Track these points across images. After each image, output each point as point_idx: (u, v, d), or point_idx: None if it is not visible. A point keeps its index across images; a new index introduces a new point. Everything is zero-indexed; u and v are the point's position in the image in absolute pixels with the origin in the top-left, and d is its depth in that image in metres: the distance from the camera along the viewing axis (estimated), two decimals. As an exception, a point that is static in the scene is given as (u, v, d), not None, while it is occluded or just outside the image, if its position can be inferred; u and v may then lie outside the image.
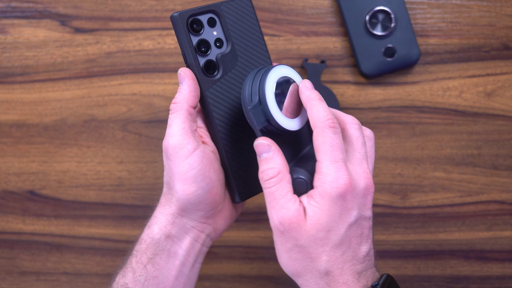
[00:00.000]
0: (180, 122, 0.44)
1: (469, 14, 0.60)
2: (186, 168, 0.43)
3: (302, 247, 0.41)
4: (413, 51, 0.59)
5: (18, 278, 0.62)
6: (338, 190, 0.40)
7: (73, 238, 0.61)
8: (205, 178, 0.44)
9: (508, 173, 0.60)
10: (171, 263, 0.45)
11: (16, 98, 0.61)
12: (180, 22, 0.44)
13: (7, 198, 0.61)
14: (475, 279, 0.61)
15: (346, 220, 0.41)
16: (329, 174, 0.40)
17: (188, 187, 0.43)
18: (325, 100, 0.59)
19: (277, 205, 0.41)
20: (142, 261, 0.45)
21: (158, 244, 0.45)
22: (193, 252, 0.47)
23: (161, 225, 0.46)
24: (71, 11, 0.61)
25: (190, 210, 0.45)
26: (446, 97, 0.60)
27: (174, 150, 0.43)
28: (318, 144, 0.41)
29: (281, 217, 0.41)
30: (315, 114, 0.42)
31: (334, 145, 0.41)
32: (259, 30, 0.47)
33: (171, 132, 0.44)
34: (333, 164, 0.40)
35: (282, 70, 0.43)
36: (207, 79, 0.45)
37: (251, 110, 0.42)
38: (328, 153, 0.40)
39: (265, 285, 0.61)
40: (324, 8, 0.61)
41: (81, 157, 0.61)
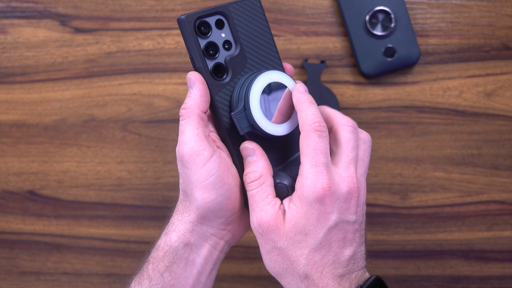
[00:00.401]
0: (194, 128, 0.43)
1: (469, 14, 0.60)
2: (204, 176, 0.42)
3: (281, 249, 0.41)
4: (413, 51, 0.59)
5: (18, 278, 0.62)
6: (316, 194, 0.40)
7: (73, 238, 0.61)
8: (224, 184, 0.43)
9: (508, 173, 0.60)
10: (188, 272, 0.45)
11: (16, 98, 0.61)
12: (187, 25, 0.43)
13: (7, 198, 0.61)
14: (475, 279, 0.61)
15: (325, 224, 0.41)
16: (308, 178, 0.40)
17: (208, 194, 0.43)
18: (325, 100, 0.59)
19: (257, 208, 0.42)
20: (159, 269, 0.44)
21: (176, 252, 0.44)
22: (211, 260, 0.46)
23: (179, 233, 0.45)
24: (71, 11, 0.61)
25: (211, 218, 0.44)
26: (446, 97, 0.60)
27: (190, 158, 0.42)
28: (302, 147, 0.41)
29: (259, 219, 0.42)
30: (303, 117, 0.42)
31: (317, 148, 0.41)
32: (268, 30, 0.46)
33: (185, 139, 0.43)
34: (313, 168, 0.40)
35: (272, 75, 0.43)
36: (216, 83, 0.44)
37: (234, 116, 0.43)
38: (310, 157, 0.41)
39: (265, 285, 0.61)
40: (324, 8, 0.61)
41: (81, 157, 0.61)
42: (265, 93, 0.43)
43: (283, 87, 0.44)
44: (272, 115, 0.43)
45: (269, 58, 0.46)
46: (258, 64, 0.46)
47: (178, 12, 0.60)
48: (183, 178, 0.44)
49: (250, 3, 0.46)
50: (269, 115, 0.43)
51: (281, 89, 0.44)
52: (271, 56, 0.46)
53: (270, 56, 0.46)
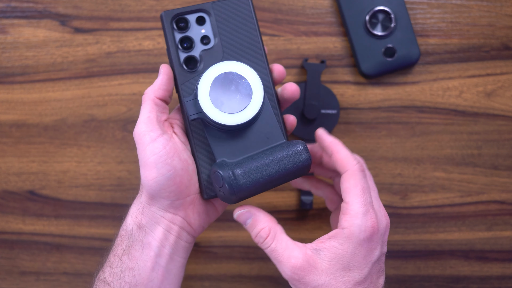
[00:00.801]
0: (146, 111, 0.45)
1: (469, 14, 0.60)
2: (148, 154, 0.44)
3: (322, 286, 0.42)
4: (413, 51, 0.59)
5: (18, 278, 0.62)
6: (366, 233, 0.42)
7: (73, 238, 0.61)
8: (166, 164, 0.44)
9: (508, 173, 0.60)
10: (145, 254, 0.45)
11: (16, 98, 0.61)
12: (164, 20, 0.46)
13: (7, 198, 0.61)
14: (475, 279, 0.61)
15: (370, 260, 0.43)
16: (358, 217, 0.42)
17: (149, 172, 0.44)
18: (325, 100, 0.59)
19: (284, 258, 0.43)
20: (117, 254, 0.46)
21: (131, 235, 0.46)
22: (168, 243, 0.46)
23: (132, 215, 0.46)
24: (71, 11, 0.61)
25: (156, 198, 0.45)
26: (446, 97, 0.60)
27: (138, 137, 0.44)
28: (349, 186, 0.43)
29: (292, 266, 0.42)
30: (345, 157, 0.44)
31: (365, 188, 0.43)
32: (255, 28, 0.48)
33: (138, 120, 0.45)
34: (362, 207, 0.42)
35: (228, 65, 0.45)
36: (185, 73, 0.46)
37: (185, 101, 0.44)
38: (360, 196, 0.43)
39: (265, 285, 0.61)
40: (324, 8, 0.61)
41: (81, 157, 0.61)
42: (220, 82, 0.44)
43: (241, 78, 0.44)
44: (227, 105, 0.44)
45: (250, 54, 0.47)
46: (233, 58, 0.47)
47: (178, 12, 0.61)
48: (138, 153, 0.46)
49: (240, 2, 0.48)
50: (221, 104, 0.44)
51: (239, 80, 0.44)
52: (253, 53, 0.47)
53: (251, 52, 0.47)
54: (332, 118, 0.59)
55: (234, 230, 0.61)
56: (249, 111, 0.44)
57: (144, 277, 0.45)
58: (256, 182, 0.43)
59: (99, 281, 0.46)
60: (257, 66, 0.47)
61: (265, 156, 0.44)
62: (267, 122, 0.46)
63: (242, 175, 0.42)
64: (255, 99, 0.44)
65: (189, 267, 0.61)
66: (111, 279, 0.45)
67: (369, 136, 0.60)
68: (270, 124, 0.46)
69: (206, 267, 0.61)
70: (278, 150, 0.44)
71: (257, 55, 0.47)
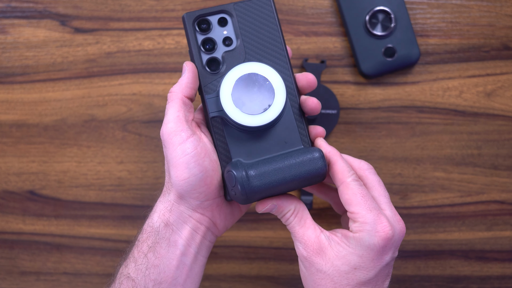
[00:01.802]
0: (175, 110, 0.45)
1: (469, 14, 0.60)
2: (179, 154, 0.44)
3: (325, 274, 0.43)
4: (413, 51, 0.59)
5: (18, 278, 0.62)
6: (377, 239, 0.42)
7: (73, 238, 0.61)
8: (198, 165, 0.44)
9: (508, 173, 0.60)
10: (171, 252, 0.46)
11: (16, 98, 0.61)
12: (186, 21, 0.46)
13: (7, 198, 0.61)
14: (475, 279, 0.61)
15: (378, 264, 0.43)
16: (368, 223, 0.42)
17: (181, 172, 0.44)
18: (325, 100, 0.59)
19: (298, 234, 0.44)
20: (143, 250, 0.46)
21: (158, 232, 0.46)
22: (194, 243, 0.47)
23: (160, 213, 0.46)
24: (71, 11, 0.61)
25: (186, 198, 0.45)
26: (446, 97, 0.60)
27: (168, 137, 0.44)
28: (349, 198, 0.43)
29: (303, 242, 0.44)
30: (340, 169, 0.44)
31: (365, 195, 0.43)
32: (276, 28, 0.47)
33: (166, 120, 0.45)
34: (369, 212, 0.42)
35: (252, 66, 0.45)
36: (208, 74, 0.46)
37: (207, 98, 0.45)
38: (362, 203, 0.42)
39: (265, 285, 0.61)
40: (324, 8, 0.61)
41: (81, 157, 0.61)
42: (243, 83, 0.44)
43: (265, 80, 0.44)
44: (248, 106, 0.44)
45: (272, 54, 0.47)
46: (256, 59, 0.47)
47: (178, 12, 0.61)
48: (165, 158, 0.46)
49: (261, 3, 0.47)
50: (243, 104, 0.44)
51: (262, 82, 0.44)
52: (276, 54, 0.47)
53: (273, 53, 0.47)
54: (332, 118, 0.59)
55: (234, 230, 0.61)
56: (269, 113, 0.44)
57: (169, 275, 0.45)
58: (268, 185, 0.43)
59: (123, 276, 0.46)
60: (279, 68, 0.47)
61: (280, 160, 0.44)
62: (287, 126, 0.46)
63: (255, 177, 0.42)
64: (277, 102, 0.44)
65: (189, 267, 0.61)
66: (136, 275, 0.45)
67: (369, 136, 0.60)
68: (289, 128, 0.46)
69: (206, 267, 0.61)
70: (294, 155, 0.44)
71: (280, 56, 0.47)
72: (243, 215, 0.61)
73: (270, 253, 0.61)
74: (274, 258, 0.61)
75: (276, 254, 0.61)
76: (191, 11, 0.49)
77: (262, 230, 0.61)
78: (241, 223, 0.61)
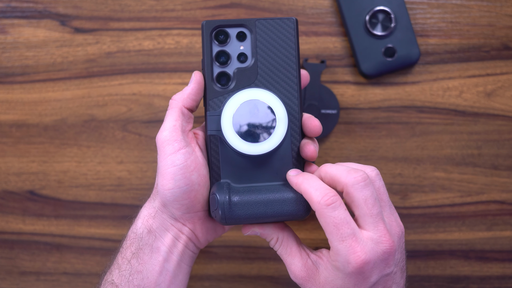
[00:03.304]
0: (173, 119, 0.45)
1: (469, 14, 0.60)
2: (168, 164, 0.44)
3: None
4: (413, 51, 0.59)
5: (18, 278, 0.62)
6: (351, 269, 0.40)
7: (73, 238, 0.61)
8: (184, 178, 0.44)
9: (508, 173, 0.60)
10: (154, 258, 0.46)
11: (16, 98, 0.61)
12: (205, 30, 0.45)
13: (7, 198, 0.61)
14: (475, 279, 0.61)
15: (364, 286, 0.41)
16: (340, 254, 0.40)
17: (166, 182, 0.44)
18: (325, 100, 0.59)
19: (287, 263, 0.44)
20: (126, 257, 0.46)
21: (141, 239, 0.46)
22: (176, 250, 0.47)
23: (143, 219, 0.47)
24: (71, 11, 0.61)
25: (168, 207, 0.46)
26: (446, 97, 0.60)
27: (161, 145, 0.44)
28: (323, 226, 0.41)
29: (293, 273, 0.44)
30: (309, 196, 0.41)
31: (337, 223, 0.40)
32: (294, 53, 0.46)
33: (163, 127, 0.45)
34: (341, 243, 0.40)
35: (260, 94, 0.44)
36: (214, 89, 0.45)
37: (208, 115, 0.44)
38: (334, 234, 0.40)
39: (265, 285, 0.61)
40: (324, 8, 0.61)
41: (81, 157, 0.61)
42: (247, 108, 0.44)
43: (268, 111, 0.44)
44: (246, 132, 0.44)
45: (283, 79, 0.46)
46: (267, 82, 0.46)
47: (178, 12, 0.61)
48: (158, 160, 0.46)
49: (284, 23, 0.46)
50: (241, 130, 0.44)
51: (265, 112, 0.44)
52: (287, 79, 0.46)
53: (285, 78, 0.46)
54: (332, 118, 0.59)
55: (234, 230, 0.61)
56: (266, 144, 0.44)
57: (151, 281, 0.45)
58: (249, 216, 0.43)
59: (107, 283, 0.46)
60: (287, 98, 0.46)
61: (266, 192, 0.44)
62: (281, 158, 0.45)
63: (237, 205, 0.43)
64: (276, 135, 0.44)
65: (189, 267, 0.61)
66: (120, 281, 0.45)
67: (369, 136, 0.60)
68: (283, 161, 0.45)
69: (206, 267, 0.61)
70: (281, 191, 0.44)
71: (291, 85, 0.46)
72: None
73: (270, 253, 0.61)
74: (274, 258, 0.61)
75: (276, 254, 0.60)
76: (211, 19, 0.48)
77: (262, 230, 0.61)
78: (241, 223, 0.61)
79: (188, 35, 0.60)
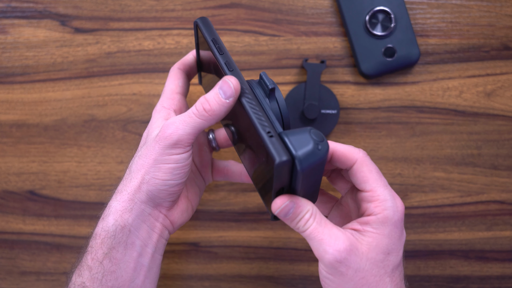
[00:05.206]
0: (199, 125, 0.43)
1: (469, 14, 0.60)
2: (171, 160, 0.43)
3: (364, 271, 0.40)
4: (413, 51, 0.59)
5: (18, 278, 0.62)
6: (399, 214, 0.41)
7: (73, 238, 0.61)
8: (182, 172, 0.44)
9: (508, 173, 0.60)
10: (128, 255, 0.44)
11: (16, 98, 0.61)
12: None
13: (7, 198, 0.61)
14: (475, 279, 0.61)
15: (403, 241, 0.42)
16: (388, 200, 0.41)
17: (162, 174, 0.44)
18: (325, 100, 0.59)
19: (325, 236, 0.40)
20: (97, 258, 0.44)
21: (114, 237, 0.44)
22: (151, 242, 0.46)
23: (116, 214, 0.44)
24: (71, 11, 0.61)
25: (154, 196, 0.44)
26: (446, 97, 0.60)
27: (176, 143, 0.43)
28: (365, 174, 0.42)
29: (336, 247, 0.40)
30: (347, 150, 0.42)
31: (378, 171, 0.42)
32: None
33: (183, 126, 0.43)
34: (386, 189, 0.42)
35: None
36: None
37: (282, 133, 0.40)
38: (379, 180, 0.42)
39: (265, 285, 0.61)
40: (324, 8, 0.61)
41: (81, 157, 0.61)
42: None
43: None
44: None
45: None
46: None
47: (178, 12, 0.60)
48: (145, 150, 0.44)
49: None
50: None
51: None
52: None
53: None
54: (332, 118, 0.59)
55: (234, 230, 0.61)
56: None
57: (126, 279, 0.44)
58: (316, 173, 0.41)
59: (77, 286, 0.44)
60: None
61: None
62: None
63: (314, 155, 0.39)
64: None
65: (189, 267, 0.61)
66: (91, 284, 0.44)
67: (369, 136, 0.60)
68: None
69: (206, 267, 0.61)
70: None
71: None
72: (243, 215, 0.61)
73: (270, 253, 0.61)
74: (274, 258, 0.61)
75: (276, 254, 0.61)
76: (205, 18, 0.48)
77: (262, 230, 0.61)
78: (241, 223, 0.61)
79: (188, 35, 0.60)
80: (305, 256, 0.61)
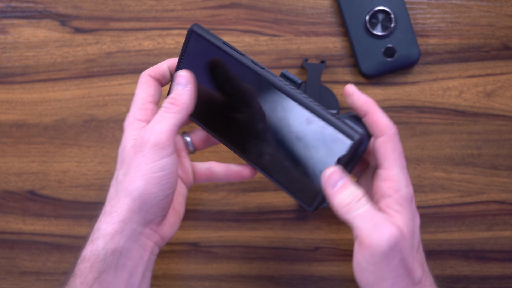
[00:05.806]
0: (174, 123, 0.43)
1: (469, 14, 0.60)
2: (157, 169, 0.42)
3: (403, 260, 0.40)
4: (413, 51, 0.59)
5: (18, 278, 0.62)
6: (411, 194, 0.42)
7: (73, 238, 0.61)
8: (169, 182, 0.43)
9: (508, 173, 0.60)
10: (119, 277, 0.43)
11: (16, 98, 0.61)
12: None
13: (7, 198, 0.61)
14: (475, 279, 0.61)
15: (418, 221, 0.42)
16: (402, 181, 0.41)
17: (151, 187, 0.42)
18: (325, 100, 0.59)
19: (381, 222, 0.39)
20: (87, 282, 0.42)
21: (105, 260, 0.42)
22: (142, 262, 0.44)
23: (106, 237, 0.42)
24: (71, 11, 0.61)
25: (142, 213, 0.43)
26: (446, 97, 0.60)
27: (154, 147, 0.42)
28: (387, 151, 0.41)
29: (392, 234, 0.38)
30: (382, 120, 0.42)
31: (401, 152, 0.42)
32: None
33: (160, 128, 0.43)
34: (402, 170, 0.42)
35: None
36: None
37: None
38: (398, 160, 0.41)
39: (265, 285, 0.61)
40: (324, 8, 0.61)
41: (81, 157, 0.61)
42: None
43: None
44: None
45: None
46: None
47: (178, 12, 0.60)
48: (127, 165, 0.43)
49: None
50: None
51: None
52: None
53: None
54: (332, 118, 0.59)
55: (234, 230, 0.61)
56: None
57: None
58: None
59: None
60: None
61: None
62: None
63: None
64: None
65: (189, 267, 0.61)
66: None
67: (369, 136, 0.60)
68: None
69: (206, 267, 0.61)
70: None
71: None
72: (243, 215, 0.61)
73: (270, 253, 0.61)
74: (274, 258, 0.61)
75: (276, 254, 0.61)
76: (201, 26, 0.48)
77: (262, 230, 0.61)
78: (241, 223, 0.61)
79: (188, 35, 0.60)
80: (305, 256, 0.61)
